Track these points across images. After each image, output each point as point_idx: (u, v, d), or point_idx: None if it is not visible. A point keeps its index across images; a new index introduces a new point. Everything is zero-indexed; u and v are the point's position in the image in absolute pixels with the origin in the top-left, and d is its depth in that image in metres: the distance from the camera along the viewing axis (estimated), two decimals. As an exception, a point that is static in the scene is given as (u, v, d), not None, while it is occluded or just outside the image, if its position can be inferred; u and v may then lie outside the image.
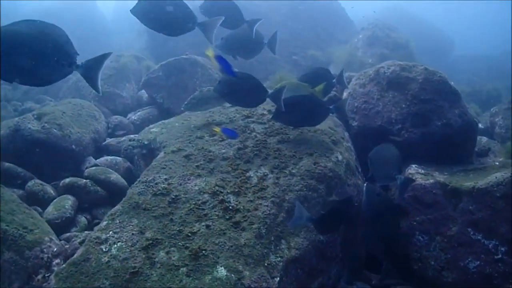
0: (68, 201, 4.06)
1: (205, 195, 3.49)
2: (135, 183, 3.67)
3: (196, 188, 3.57)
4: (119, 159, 4.98)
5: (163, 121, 5.13)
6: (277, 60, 9.47)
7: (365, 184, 3.78)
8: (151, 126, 5.03)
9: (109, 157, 5.01)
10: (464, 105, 4.47)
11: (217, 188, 3.54)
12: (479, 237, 3.74)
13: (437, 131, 4.35)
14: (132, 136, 4.79)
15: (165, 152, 4.13)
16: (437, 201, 3.93)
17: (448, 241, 3.83)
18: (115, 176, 4.49)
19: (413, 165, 4.31)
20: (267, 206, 3.35)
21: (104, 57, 2.69)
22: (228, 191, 3.52)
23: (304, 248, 3.30)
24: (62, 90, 7.24)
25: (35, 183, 4.21)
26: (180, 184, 3.61)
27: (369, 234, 3.99)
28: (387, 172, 3.80)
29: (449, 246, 3.83)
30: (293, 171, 3.70)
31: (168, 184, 3.61)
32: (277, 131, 4.31)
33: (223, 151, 4.09)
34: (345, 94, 5.18)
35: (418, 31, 13.42)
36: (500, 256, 3.65)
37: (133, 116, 6.16)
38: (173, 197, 3.46)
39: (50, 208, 3.94)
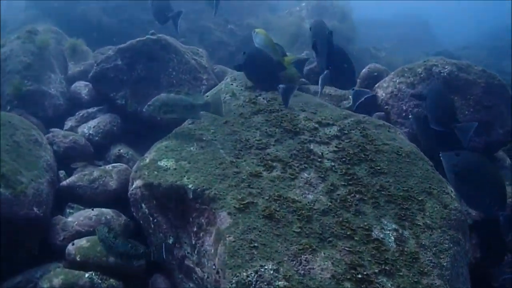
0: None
1: (348, 285, 2.34)
2: None
3: (327, 275, 2.37)
4: (109, 213, 3.22)
5: (163, 144, 3.49)
6: (212, 29, 7.94)
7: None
8: (152, 156, 3.34)
9: (91, 212, 3.18)
10: (516, 108, 4.16)
11: (358, 270, 2.41)
12: None
13: (499, 140, 3.98)
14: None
15: (229, 213, 2.71)
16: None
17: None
18: (128, 251, 2.83)
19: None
20: (440, 286, 2.41)
21: None
22: (375, 270, 2.43)
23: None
24: None
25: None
26: (302, 274, 2.36)
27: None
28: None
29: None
30: (427, 221, 2.80)
31: (286, 278, 2.31)
32: (356, 156, 3.27)
33: (310, 197, 2.89)
34: (381, 93, 4.34)
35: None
36: None
37: (85, 129, 4.10)
38: (311, 301, 2.22)
39: None
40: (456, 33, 14.40)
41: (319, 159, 3.25)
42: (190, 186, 2.96)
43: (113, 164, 3.69)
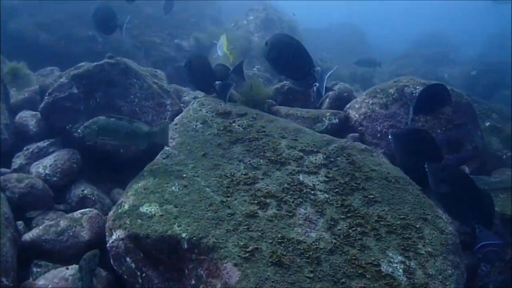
0: None
1: (371, 331, 2.31)
2: None
3: (350, 321, 2.32)
4: (87, 269, 2.88)
5: (140, 185, 3.22)
6: (158, 44, 7.61)
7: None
8: (131, 201, 3.05)
9: (66, 272, 2.80)
10: (479, 124, 4.47)
11: (377, 312, 2.39)
12: (529, 254, 3.89)
13: (468, 156, 4.23)
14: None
15: (235, 264, 2.55)
16: (497, 231, 3.86)
17: (505, 265, 3.89)
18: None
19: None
20: (456, 320, 2.47)
21: None
22: (393, 311, 2.43)
23: None
24: None
25: None
26: (326, 324, 2.27)
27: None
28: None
29: (506, 268, 3.91)
30: (429, 249, 2.87)
31: (311, 331, 2.21)
32: (348, 185, 3.28)
33: (313, 235, 2.83)
34: (353, 114, 4.41)
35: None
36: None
37: (40, 169, 3.61)
38: None
39: None
40: (391, 40, 15.34)
41: (312, 191, 3.20)
42: (183, 235, 2.74)
43: (81, 211, 3.32)
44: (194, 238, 2.72)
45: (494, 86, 9.54)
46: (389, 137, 3.74)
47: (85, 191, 3.68)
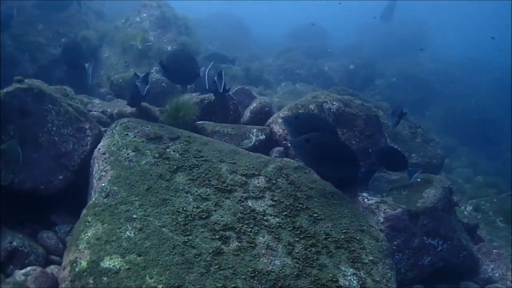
0: None
1: None
2: None
3: None
4: None
5: (90, 235, 3.08)
6: (43, 45, 6.81)
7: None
8: (88, 256, 2.91)
9: None
10: (384, 132, 5.23)
11: (347, 326, 2.82)
12: (430, 241, 4.83)
13: (376, 161, 4.95)
14: None
15: (218, 305, 2.70)
16: (406, 225, 4.66)
17: (412, 251, 4.74)
18: None
19: (364, 193, 4.75)
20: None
21: None
22: (358, 322, 2.89)
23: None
24: None
25: None
26: None
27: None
28: None
29: (413, 254, 4.76)
30: (371, 257, 3.42)
31: None
32: (293, 207, 3.65)
33: (278, 263, 3.15)
34: (277, 128, 4.75)
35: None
36: (440, 248, 4.90)
37: None
38: None
39: None
40: (272, 32, 16.12)
41: (264, 217, 3.49)
42: (160, 287, 2.77)
43: (22, 271, 3.04)
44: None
45: (369, 77, 10.97)
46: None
47: (14, 243, 3.33)
